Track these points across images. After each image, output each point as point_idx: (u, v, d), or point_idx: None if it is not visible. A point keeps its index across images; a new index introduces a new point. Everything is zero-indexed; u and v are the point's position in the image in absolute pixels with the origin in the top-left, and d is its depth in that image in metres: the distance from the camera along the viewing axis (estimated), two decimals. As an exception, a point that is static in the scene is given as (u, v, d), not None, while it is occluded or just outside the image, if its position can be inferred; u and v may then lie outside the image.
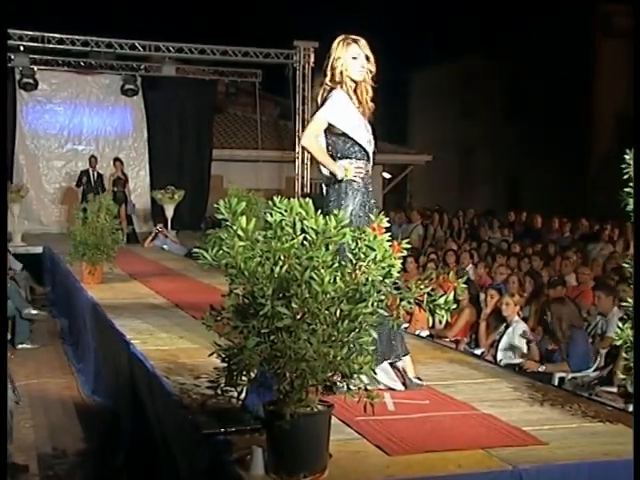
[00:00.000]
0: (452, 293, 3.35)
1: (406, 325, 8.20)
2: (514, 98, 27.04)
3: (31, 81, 17.78)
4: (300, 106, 19.77)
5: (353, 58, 4.43)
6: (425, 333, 7.98)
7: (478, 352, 7.43)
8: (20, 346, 9.26)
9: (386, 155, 23.63)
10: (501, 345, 7.36)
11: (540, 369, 6.65)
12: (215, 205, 3.17)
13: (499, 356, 7.27)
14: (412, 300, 3.33)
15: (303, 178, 20.44)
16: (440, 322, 7.85)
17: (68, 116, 18.72)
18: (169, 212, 16.50)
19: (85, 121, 18.86)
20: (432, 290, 3.34)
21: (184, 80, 19.19)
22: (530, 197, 25.33)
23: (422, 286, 3.33)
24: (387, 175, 25.67)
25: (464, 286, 3.49)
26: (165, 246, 14.84)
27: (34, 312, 9.54)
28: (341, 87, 4.44)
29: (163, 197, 16.65)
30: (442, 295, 3.37)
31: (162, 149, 19.01)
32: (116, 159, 16.93)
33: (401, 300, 3.28)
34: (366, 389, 3.09)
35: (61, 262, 10.71)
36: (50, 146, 18.55)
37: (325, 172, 4.53)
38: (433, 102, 30.89)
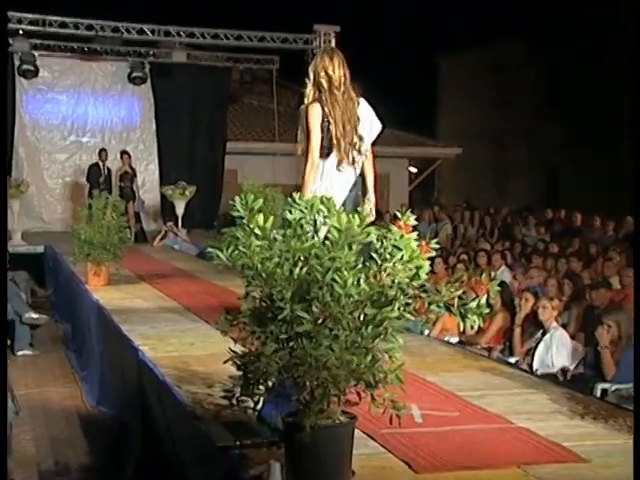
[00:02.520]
0: (485, 296, 3.34)
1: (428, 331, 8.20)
2: (553, 84, 26.83)
3: (31, 68, 17.85)
4: (320, 95, 19.78)
5: None
6: (455, 340, 7.96)
7: (512, 360, 7.40)
8: (20, 353, 9.34)
9: (412, 148, 23.64)
10: (537, 353, 7.33)
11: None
12: (230, 202, 3.19)
13: (535, 365, 7.25)
14: (441, 304, 3.33)
15: (323, 173, 20.44)
16: (472, 328, 7.78)
17: (71, 106, 18.82)
18: (180, 209, 16.58)
19: (90, 111, 18.96)
20: (463, 293, 3.34)
21: (196, 67, 19.25)
22: (570, 193, 25.16)
23: (452, 289, 3.33)
24: (413, 169, 25.64)
25: (498, 289, 3.48)
26: (175, 245, 14.92)
27: (35, 316, 9.61)
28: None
29: (173, 193, 16.72)
30: (474, 299, 3.36)
31: (172, 141, 19.08)
32: (123, 152, 16.98)
33: (430, 304, 3.27)
34: (392, 399, 3.10)
35: (64, 262, 10.79)
36: (52, 138, 18.66)
37: None
38: (463, 90, 30.77)
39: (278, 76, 20.40)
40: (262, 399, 3.25)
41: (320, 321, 3.00)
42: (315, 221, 3.11)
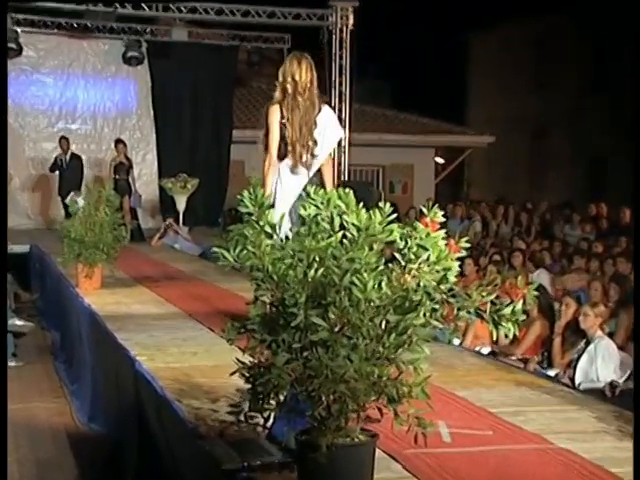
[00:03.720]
0: (520, 302, 3.35)
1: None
2: (599, 64, 26.70)
3: (14, 46, 17.89)
4: (337, 77, 19.78)
5: None
6: (487, 350, 7.96)
7: (552, 373, 7.39)
8: (2, 363, 9.39)
9: (439, 136, 23.62)
10: (580, 365, 7.32)
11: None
12: (237, 196, 3.21)
13: (578, 378, 7.23)
14: (472, 310, 3.34)
15: (341, 164, 20.45)
16: (506, 337, 7.80)
17: (59, 89, 18.93)
18: (181, 204, 16.63)
19: (80, 95, 19.06)
20: (496, 298, 3.35)
21: (198, 46, 19.31)
22: (617, 186, 25.04)
23: (484, 293, 3.33)
24: (440, 160, 25.61)
25: (535, 293, 3.48)
26: (176, 245, 14.97)
27: (19, 323, 9.65)
28: None
29: (173, 186, 16.78)
30: (508, 304, 3.37)
31: (172, 129, 19.14)
32: (118, 141, 16.96)
33: (459, 310, 3.28)
34: (418, 416, 3.11)
35: (52, 264, 10.84)
36: (38, 125, 18.76)
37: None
38: (497, 71, 30.68)
39: (290, 56, 20.42)
40: (273, 415, 3.27)
41: (337, 329, 3.02)
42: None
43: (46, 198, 18.44)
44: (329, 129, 6.07)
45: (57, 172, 16.90)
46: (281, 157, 5.95)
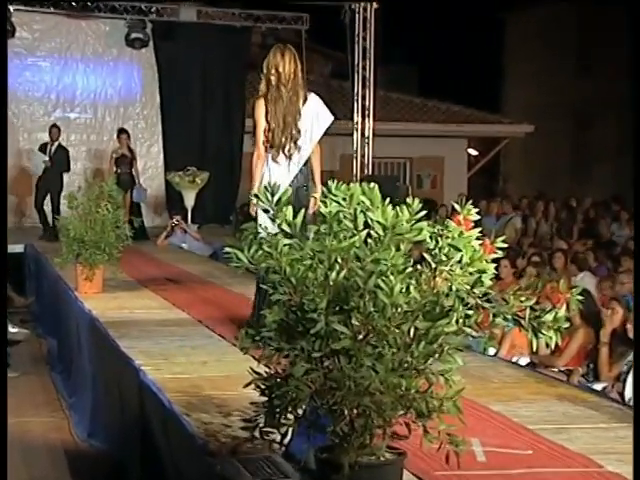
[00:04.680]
0: (563, 307, 3.34)
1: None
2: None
3: (7, 27, 17.95)
4: (360, 61, 19.79)
5: None
6: (525, 360, 7.94)
7: (598, 387, 7.36)
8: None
9: (472, 126, 23.57)
10: (630, 378, 7.28)
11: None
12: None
13: (628, 393, 7.19)
14: (509, 316, 3.34)
15: (364, 156, 20.47)
16: (546, 346, 7.79)
17: (56, 74, 18.97)
18: (189, 200, 16.66)
19: (79, 81, 19.10)
20: (536, 303, 3.34)
21: (208, 28, 19.31)
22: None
23: (522, 298, 3.33)
24: (473, 152, 25.55)
25: (579, 298, 3.47)
26: (184, 244, 15.00)
27: (13, 330, 9.69)
28: None
29: (181, 181, 16.80)
30: (549, 310, 3.36)
31: (179, 118, 19.17)
32: (121, 131, 16.95)
33: (495, 316, 3.28)
34: (449, 433, 3.11)
35: (48, 265, 10.89)
36: (33, 113, 18.83)
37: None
38: (536, 54, 30.58)
39: (308, 39, 20.41)
40: (290, 431, 3.28)
41: (361, 336, 3.03)
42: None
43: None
44: (315, 118, 6.61)
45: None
46: (267, 148, 6.55)
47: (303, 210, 5.08)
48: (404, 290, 3.05)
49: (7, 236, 14.72)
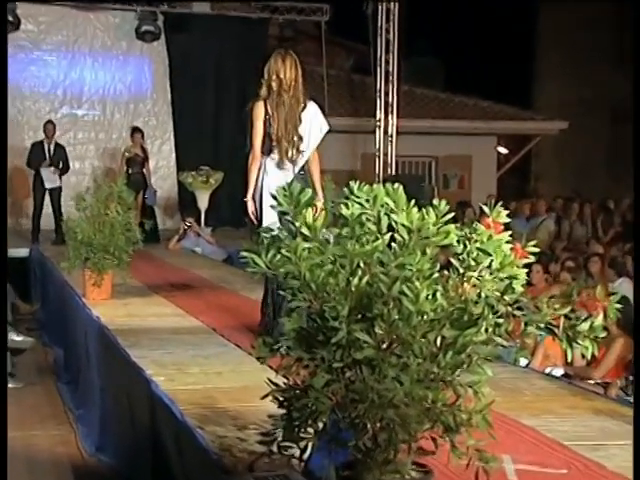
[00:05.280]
0: (600, 316, 3.33)
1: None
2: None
3: (10, 18, 17.94)
4: (382, 54, 19.79)
5: None
6: (559, 372, 7.92)
7: (636, 400, 7.33)
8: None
9: (502, 122, 23.50)
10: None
11: None
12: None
13: (667, 407, 7.17)
14: (542, 325, 3.33)
15: (387, 155, 20.47)
16: (582, 357, 7.78)
17: (63, 69, 19.06)
18: (202, 202, 16.70)
19: (87, 76, 19.18)
20: (571, 311, 3.33)
21: (222, 19, 19.34)
22: None
23: (556, 305, 3.33)
24: (503, 150, 25.48)
25: (617, 306, 3.46)
26: (197, 248, 15.04)
27: (18, 338, 9.71)
28: None
29: (194, 181, 16.84)
30: (585, 319, 3.35)
31: (192, 115, 19.21)
32: (135, 129, 16.90)
33: (527, 325, 3.28)
34: (478, 448, 3.11)
35: (55, 270, 10.93)
36: (39, 110, 18.89)
37: None
38: (571, 46, 30.48)
39: (328, 31, 20.42)
40: (310, 446, 3.28)
41: (385, 346, 3.03)
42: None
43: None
44: (314, 125, 7.00)
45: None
46: (266, 152, 6.95)
47: None
48: (430, 297, 3.05)
49: (9, 239, 14.85)
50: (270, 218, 6.47)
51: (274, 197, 3.26)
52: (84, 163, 19.02)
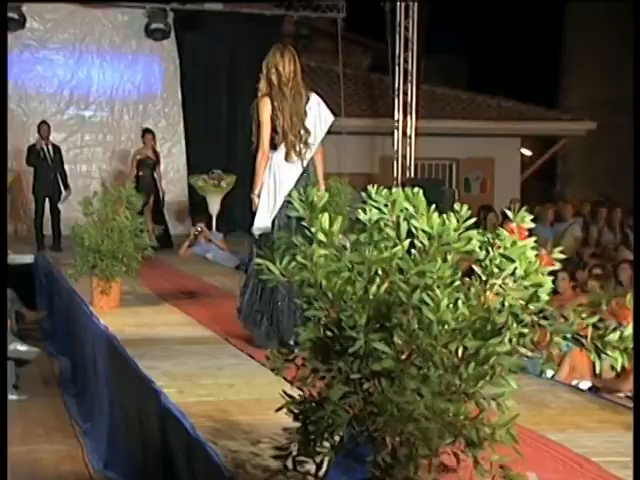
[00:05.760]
0: (630, 325, 3.32)
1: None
2: None
3: (16, 16, 18.01)
4: (402, 52, 19.78)
5: None
6: (587, 384, 7.89)
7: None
8: (2, 397, 9.48)
9: (526, 123, 23.45)
10: None
11: None
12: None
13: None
14: (569, 335, 3.32)
15: (405, 158, 20.46)
16: (612, 368, 7.73)
17: (70, 68, 19.08)
18: (214, 206, 16.71)
19: (94, 75, 19.21)
20: (599, 321, 3.33)
21: (235, 16, 19.37)
22: None
23: (584, 314, 3.32)
24: (528, 152, 25.44)
25: (648, 315, 3.46)
26: (208, 254, 15.05)
27: (23, 348, 9.74)
28: None
29: (205, 185, 16.86)
30: (615, 328, 3.34)
31: (204, 116, 19.24)
32: (146, 131, 16.98)
33: (553, 335, 3.27)
34: (503, 465, 3.10)
35: (62, 277, 10.96)
36: (45, 111, 18.88)
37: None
38: (599, 42, 30.41)
39: (344, 28, 20.43)
40: (327, 461, 3.28)
41: (404, 356, 3.03)
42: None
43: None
44: (318, 117, 7.28)
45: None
46: (273, 147, 7.18)
47: None
48: (452, 305, 3.04)
49: (14, 245, 14.90)
50: (264, 212, 7.04)
51: (289, 202, 3.26)
52: (91, 166, 19.05)
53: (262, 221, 7.08)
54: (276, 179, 7.16)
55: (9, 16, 17.66)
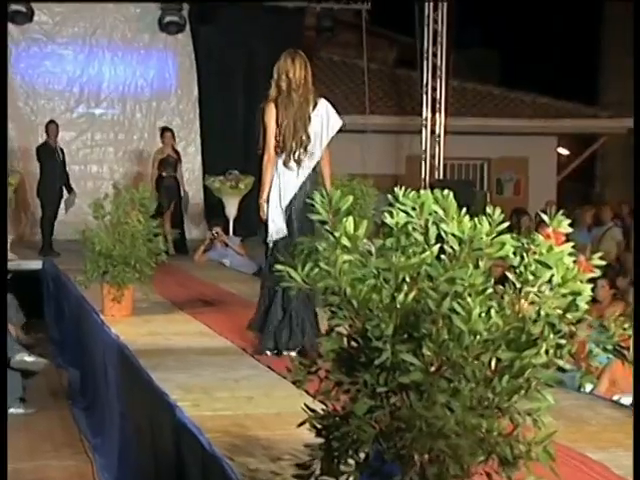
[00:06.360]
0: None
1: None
2: None
3: (23, 9, 18.14)
4: (430, 46, 19.76)
5: None
6: (629, 400, 7.85)
7: None
8: (9, 411, 9.47)
9: (563, 121, 23.38)
10: None
11: None
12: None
13: None
14: (610, 347, 3.31)
15: (434, 157, 20.44)
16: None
17: (80, 64, 19.17)
18: (231, 209, 16.73)
19: (105, 71, 19.29)
20: (642, 331, 3.31)
21: (254, 8, 19.36)
22: None
23: (625, 325, 3.30)
24: (564, 151, 25.36)
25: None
26: (225, 260, 15.07)
27: (29, 359, 9.74)
28: None
29: (222, 187, 16.87)
30: (658, 340, 3.33)
31: (220, 114, 19.26)
32: (165, 129, 17.01)
33: (592, 346, 3.25)
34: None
35: (71, 284, 10.99)
36: (54, 109, 18.97)
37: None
38: None
39: (370, 20, 20.42)
40: (352, 479, 3.28)
41: (434, 368, 3.02)
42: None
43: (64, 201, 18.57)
44: (325, 124, 7.61)
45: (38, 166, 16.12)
46: (277, 153, 7.58)
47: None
48: (484, 315, 3.03)
49: (21, 250, 14.97)
50: (276, 220, 7.55)
51: (312, 205, 3.26)
52: (102, 167, 19.11)
53: (277, 226, 7.56)
54: (281, 185, 7.58)
55: (16, 9, 17.80)
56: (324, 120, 7.64)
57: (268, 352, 7.49)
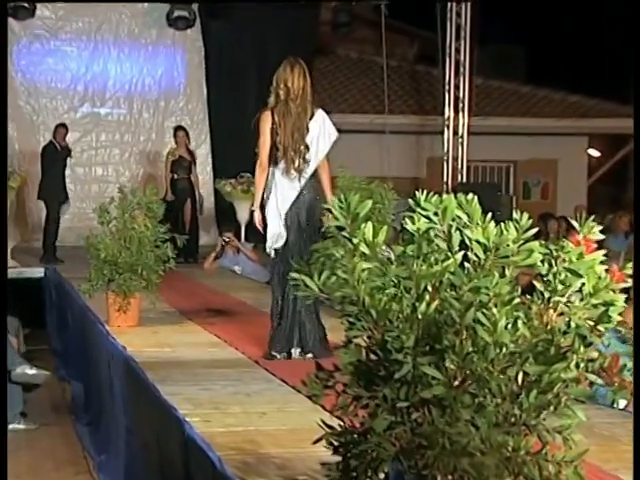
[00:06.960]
0: None
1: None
2: None
3: (25, 4, 18.16)
4: (452, 42, 19.75)
5: None
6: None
7: None
8: (9, 427, 9.49)
9: (594, 120, 23.31)
10: None
11: None
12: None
13: None
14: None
15: (457, 160, 20.41)
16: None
17: (84, 61, 19.23)
18: (243, 214, 16.72)
19: (111, 69, 19.35)
20: (678, 344, 3.31)
21: (266, 3, 19.38)
22: None
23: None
24: (596, 153, 25.30)
25: None
26: (236, 267, 15.08)
27: (31, 372, 9.76)
28: None
29: (233, 190, 16.89)
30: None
31: (231, 113, 19.25)
32: (178, 128, 17.03)
33: (626, 360, 3.25)
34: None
35: (74, 293, 11.00)
36: (57, 108, 19.04)
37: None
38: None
39: (389, 15, 20.41)
40: (371, 499, 3.28)
41: (457, 383, 3.02)
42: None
43: (68, 205, 18.58)
44: (322, 134, 7.90)
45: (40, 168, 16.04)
46: (274, 162, 7.89)
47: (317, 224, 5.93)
48: (510, 326, 3.03)
49: (22, 257, 15.01)
50: (275, 228, 7.86)
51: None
52: (107, 169, 19.14)
53: (275, 234, 7.89)
54: (278, 195, 7.86)
55: (18, 4, 17.80)
56: (321, 130, 7.92)
57: (277, 355, 7.76)
